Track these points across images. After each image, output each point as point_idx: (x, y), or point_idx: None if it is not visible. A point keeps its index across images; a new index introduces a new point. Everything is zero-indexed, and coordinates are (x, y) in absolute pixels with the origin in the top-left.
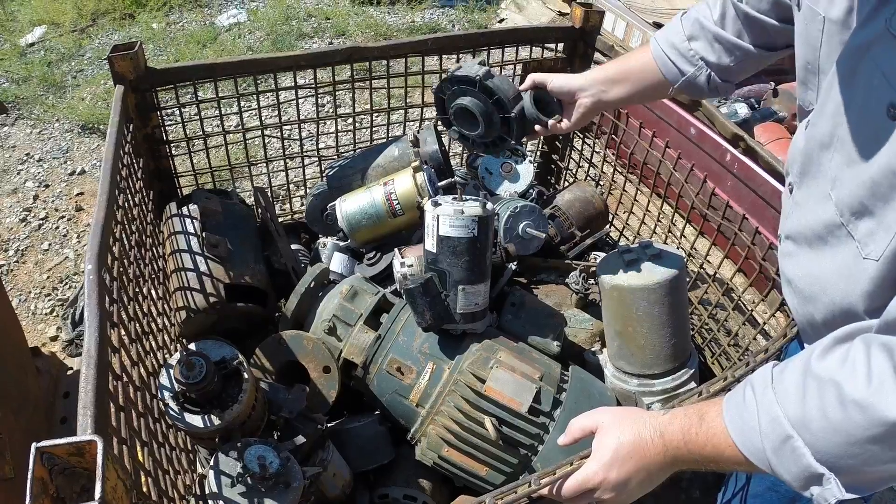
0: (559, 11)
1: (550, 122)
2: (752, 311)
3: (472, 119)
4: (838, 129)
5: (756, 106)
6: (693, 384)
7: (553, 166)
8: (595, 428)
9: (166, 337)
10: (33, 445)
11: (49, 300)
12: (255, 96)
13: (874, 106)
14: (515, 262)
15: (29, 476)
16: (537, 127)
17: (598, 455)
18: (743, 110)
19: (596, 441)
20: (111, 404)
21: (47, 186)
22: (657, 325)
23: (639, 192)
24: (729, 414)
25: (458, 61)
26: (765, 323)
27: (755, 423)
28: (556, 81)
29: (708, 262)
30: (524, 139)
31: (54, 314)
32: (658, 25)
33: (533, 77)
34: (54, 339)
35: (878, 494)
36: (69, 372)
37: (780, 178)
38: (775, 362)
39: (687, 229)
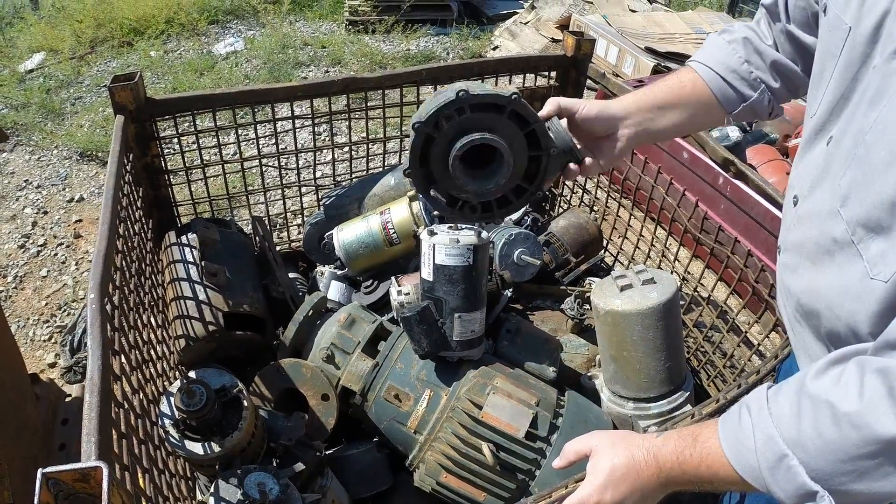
0: (552, 38)
1: (588, 160)
2: (746, 332)
3: (487, 164)
4: (858, 148)
5: (748, 128)
6: (688, 407)
7: (547, 192)
8: (589, 451)
9: (166, 365)
10: (39, 471)
11: (47, 327)
12: (252, 126)
13: None
14: (511, 289)
15: (35, 502)
16: (571, 168)
17: (592, 478)
18: (734, 133)
19: (590, 464)
20: (113, 431)
21: (46, 213)
22: (652, 349)
23: (632, 217)
24: (725, 434)
25: None
26: (759, 344)
27: (751, 444)
28: (590, 109)
29: (702, 285)
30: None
31: (52, 341)
32: (650, 50)
33: (557, 102)
34: (53, 365)
35: None
36: (67, 399)
37: (772, 201)
38: (770, 384)
39: (681, 253)
